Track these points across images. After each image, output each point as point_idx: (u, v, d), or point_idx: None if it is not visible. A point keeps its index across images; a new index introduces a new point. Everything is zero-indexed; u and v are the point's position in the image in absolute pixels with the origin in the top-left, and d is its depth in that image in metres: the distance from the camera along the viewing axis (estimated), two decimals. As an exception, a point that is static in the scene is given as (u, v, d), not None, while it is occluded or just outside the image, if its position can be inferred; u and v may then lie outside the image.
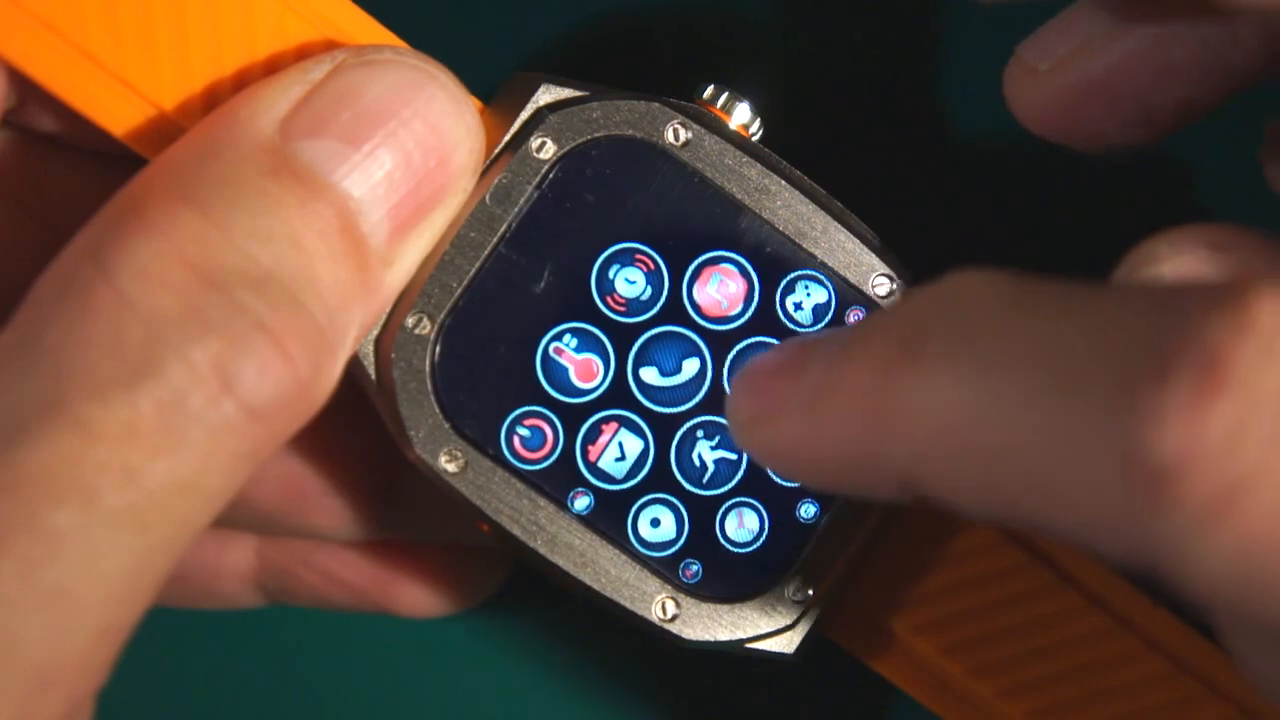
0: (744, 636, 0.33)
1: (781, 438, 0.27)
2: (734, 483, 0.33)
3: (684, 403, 0.33)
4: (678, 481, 0.33)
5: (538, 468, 0.32)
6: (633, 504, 0.32)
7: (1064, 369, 0.23)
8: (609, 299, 0.33)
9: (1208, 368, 0.22)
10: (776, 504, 0.33)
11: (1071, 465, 0.23)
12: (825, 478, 0.28)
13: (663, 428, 0.33)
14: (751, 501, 0.33)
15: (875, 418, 0.25)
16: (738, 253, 0.33)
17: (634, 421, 0.33)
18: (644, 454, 0.33)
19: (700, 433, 0.33)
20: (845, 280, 0.33)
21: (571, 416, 0.32)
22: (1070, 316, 0.24)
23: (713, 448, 0.33)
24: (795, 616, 0.33)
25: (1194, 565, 0.22)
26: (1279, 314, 0.22)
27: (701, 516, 0.33)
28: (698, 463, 0.33)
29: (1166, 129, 0.32)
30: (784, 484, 0.33)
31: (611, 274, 0.33)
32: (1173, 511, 0.22)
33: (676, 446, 0.33)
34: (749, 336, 0.33)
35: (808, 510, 0.33)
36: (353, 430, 0.35)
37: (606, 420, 0.33)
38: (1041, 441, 0.23)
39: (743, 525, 0.33)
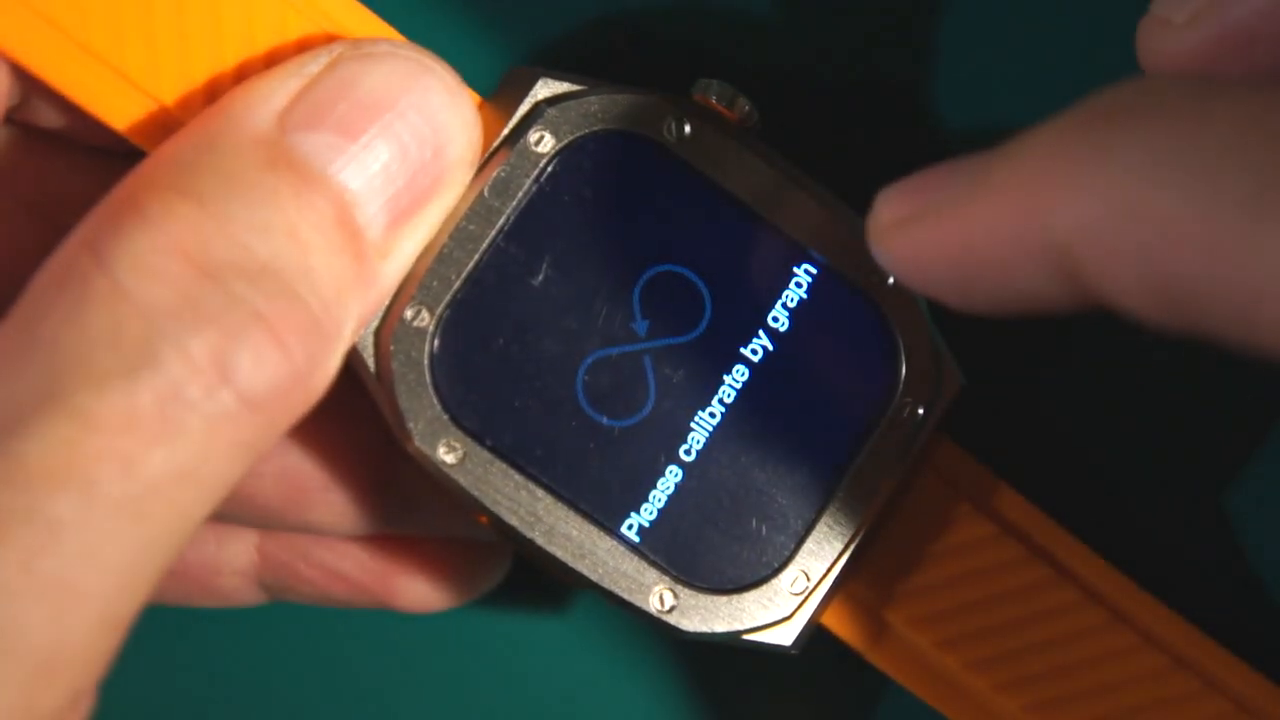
0: (742, 628, 0.33)
1: (932, 229, 0.28)
2: (733, 471, 0.33)
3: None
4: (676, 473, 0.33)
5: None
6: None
7: (1251, 147, 0.23)
8: None
9: None
10: (774, 495, 0.33)
11: (1250, 237, 0.23)
12: (976, 271, 0.27)
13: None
14: (749, 493, 0.33)
15: (1041, 193, 0.25)
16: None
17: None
18: None
19: (697, 426, 0.33)
20: (845, 275, 0.33)
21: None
22: (1262, 106, 0.24)
23: (710, 441, 0.33)
24: (793, 608, 0.33)
25: None
26: None
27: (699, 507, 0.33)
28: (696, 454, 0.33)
29: None
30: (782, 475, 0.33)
31: None
32: None
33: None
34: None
35: (806, 502, 0.33)
36: (352, 424, 0.35)
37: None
38: (1221, 210, 0.23)
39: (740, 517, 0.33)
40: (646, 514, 0.33)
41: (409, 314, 0.32)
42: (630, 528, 0.33)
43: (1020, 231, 0.26)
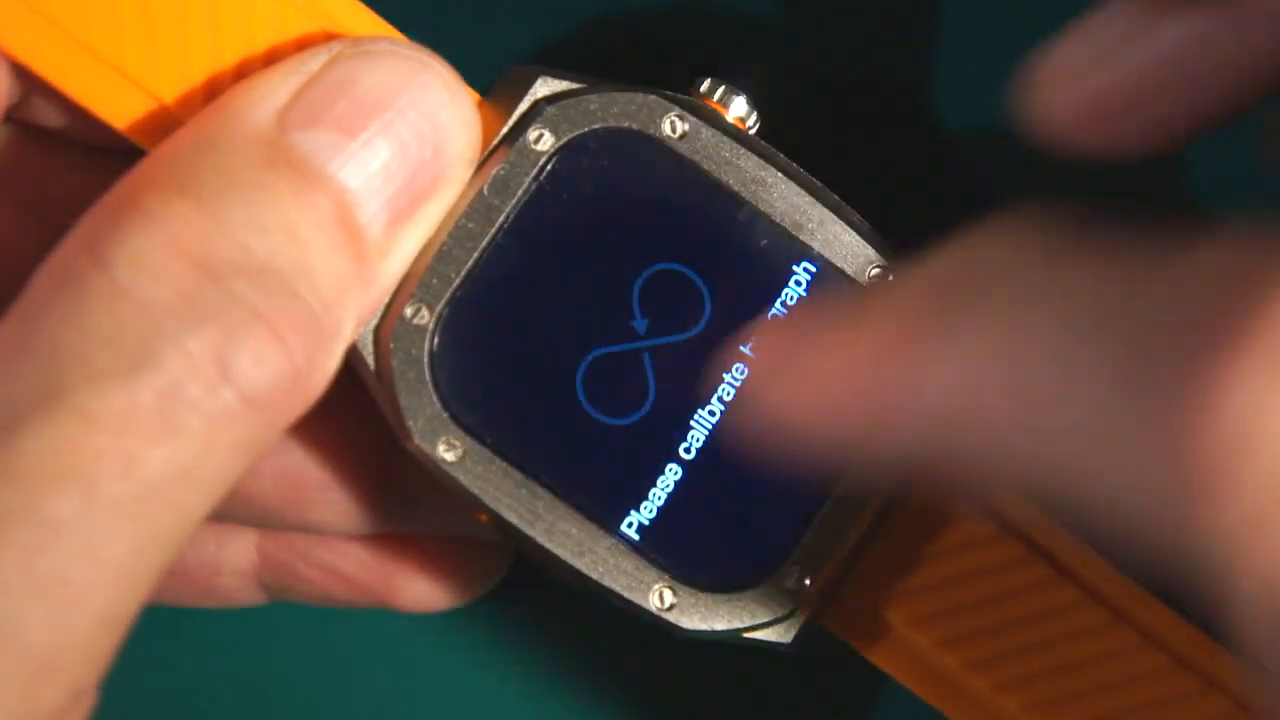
0: (741, 626, 0.33)
1: (793, 400, 0.27)
2: (731, 470, 0.33)
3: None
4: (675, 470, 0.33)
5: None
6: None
7: (1118, 331, 0.21)
8: None
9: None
10: (774, 493, 0.33)
11: (1109, 450, 0.21)
12: (838, 441, 0.26)
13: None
14: (749, 491, 0.33)
15: (894, 383, 0.24)
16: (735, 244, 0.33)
17: (632, 413, 0.33)
18: None
19: (697, 424, 0.33)
20: (842, 272, 0.33)
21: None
22: (1123, 277, 0.22)
23: (710, 439, 0.33)
24: (792, 606, 0.33)
25: (1242, 579, 0.19)
26: None
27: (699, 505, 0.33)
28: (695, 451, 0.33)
29: (1190, 136, 0.30)
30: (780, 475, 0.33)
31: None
32: (1227, 506, 0.19)
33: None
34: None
35: (805, 500, 0.33)
36: (352, 423, 0.35)
37: (604, 411, 0.33)
38: (1086, 414, 0.21)
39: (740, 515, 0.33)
40: (646, 512, 0.33)
41: (409, 312, 0.32)
42: (630, 526, 0.33)
43: (882, 440, 0.25)
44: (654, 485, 0.33)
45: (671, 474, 0.33)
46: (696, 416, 0.33)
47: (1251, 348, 0.19)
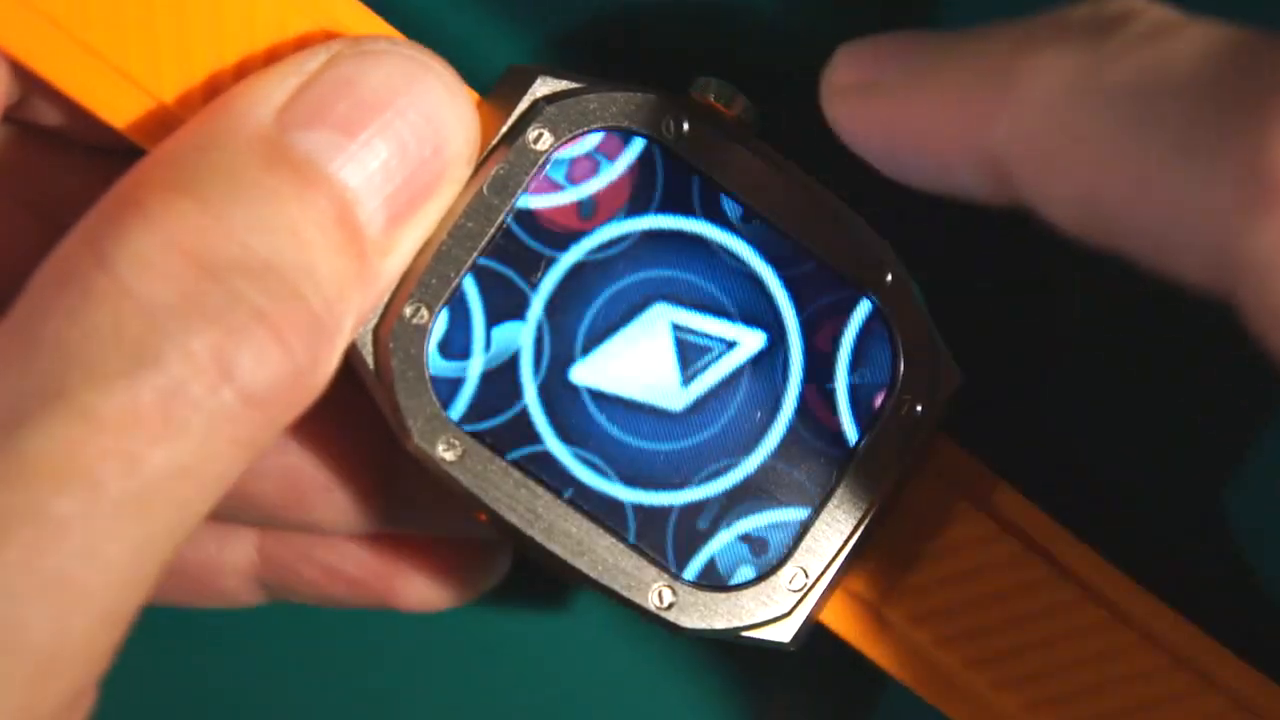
0: (741, 624, 0.33)
1: (880, 107, 0.28)
2: (731, 469, 0.33)
3: None
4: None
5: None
6: None
7: (1204, 77, 0.24)
8: None
9: None
10: (773, 491, 0.33)
11: (1181, 162, 0.24)
12: (913, 155, 0.28)
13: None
14: (748, 489, 0.33)
15: (991, 88, 0.26)
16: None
17: (631, 412, 0.33)
18: None
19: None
20: (844, 273, 0.33)
21: None
22: (1224, 42, 0.24)
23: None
24: (792, 605, 0.33)
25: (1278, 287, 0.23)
26: None
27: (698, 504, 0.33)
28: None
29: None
30: (780, 473, 0.33)
31: None
32: (1278, 223, 0.22)
33: None
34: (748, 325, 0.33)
35: (804, 498, 0.33)
36: (353, 423, 0.35)
37: (603, 410, 0.33)
38: (1158, 133, 0.24)
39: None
40: (646, 511, 0.33)
41: (408, 311, 0.32)
42: (630, 525, 0.33)
43: (960, 133, 0.27)
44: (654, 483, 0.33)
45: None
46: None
47: None
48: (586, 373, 0.33)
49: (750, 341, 0.33)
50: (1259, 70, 0.24)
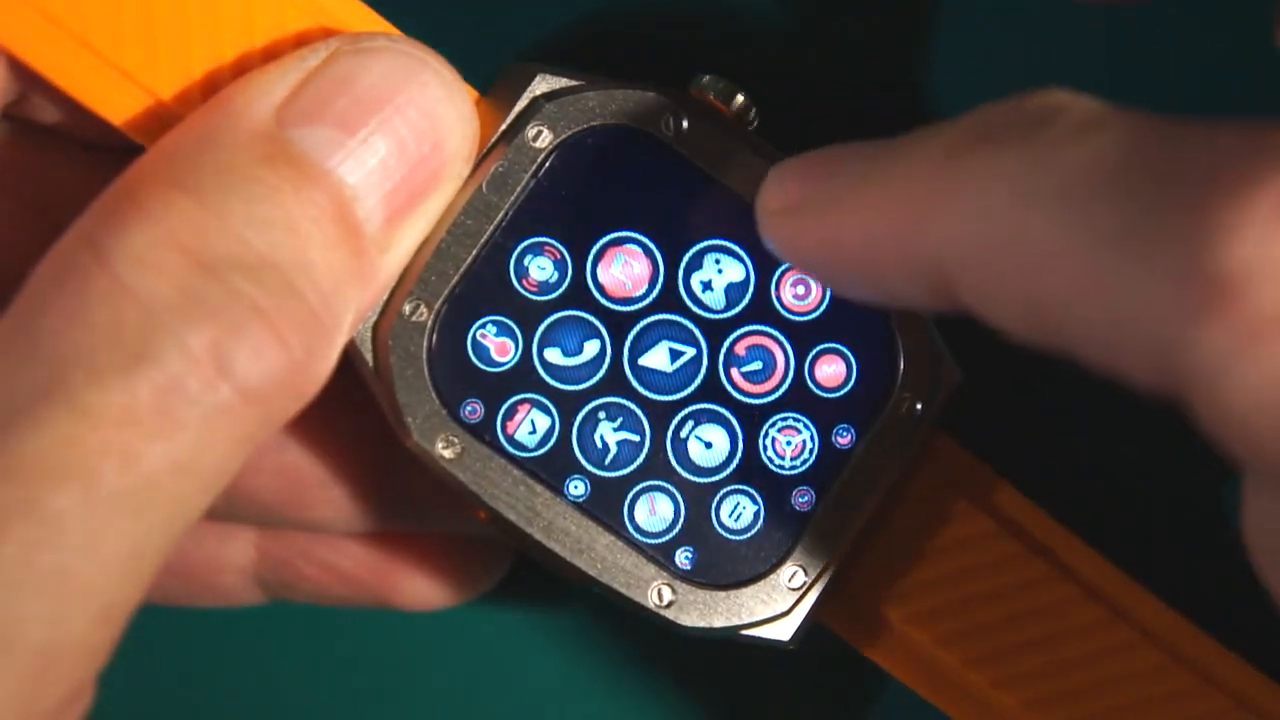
0: (740, 623, 0.33)
1: (815, 226, 0.28)
2: (730, 470, 0.33)
3: (681, 390, 0.33)
4: (674, 469, 0.33)
5: (534, 454, 0.32)
6: (629, 490, 0.33)
7: (1138, 176, 0.23)
8: (605, 288, 0.33)
9: None
10: (772, 491, 0.33)
11: (1121, 266, 0.23)
12: (853, 270, 0.28)
13: (658, 415, 0.33)
14: (747, 489, 0.33)
15: (921, 204, 0.26)
16: (734, 242, 0.33)
17: (630, 409, 0.33)
18: (639, 441, 0.33)
19: (695, 421, 0.33)
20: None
21: (567, 403, 0.33)
22: (1154, 134, 0.24)
23: (709, 436, 0.33)
24: (791, 603, 0.33)
25: (1228, 389, 0.22)
26: None
27: (697, 503, 0.33)
28: (693, 450, 0.33)
29: None
30: (781, 472, 0.33)
31: (607, 263, 0.33)
32: (1223, 325, 0.22)
33: (672, 434, 0.33)
34: (745, 325, 0.33)
35: (804, 497, 0.33)
36: (352, 421, 0.35)
37: (602, 406, 0.33)
38: (1095, 243, 0.23)
39: (738, 512, 0.33)
40: (645, 509, 0.33)
41: (407, 309, 0.32)
42: (629, 523, 0.33)
43: (897, 245, 0.27)
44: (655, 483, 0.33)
45: (669, 472, 0.33)
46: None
47: (1258, 198, 0.22)
48: None
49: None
50: (1187, 164, 0.23)
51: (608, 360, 0.33)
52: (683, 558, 0.33)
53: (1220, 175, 0.23)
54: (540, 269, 0.33)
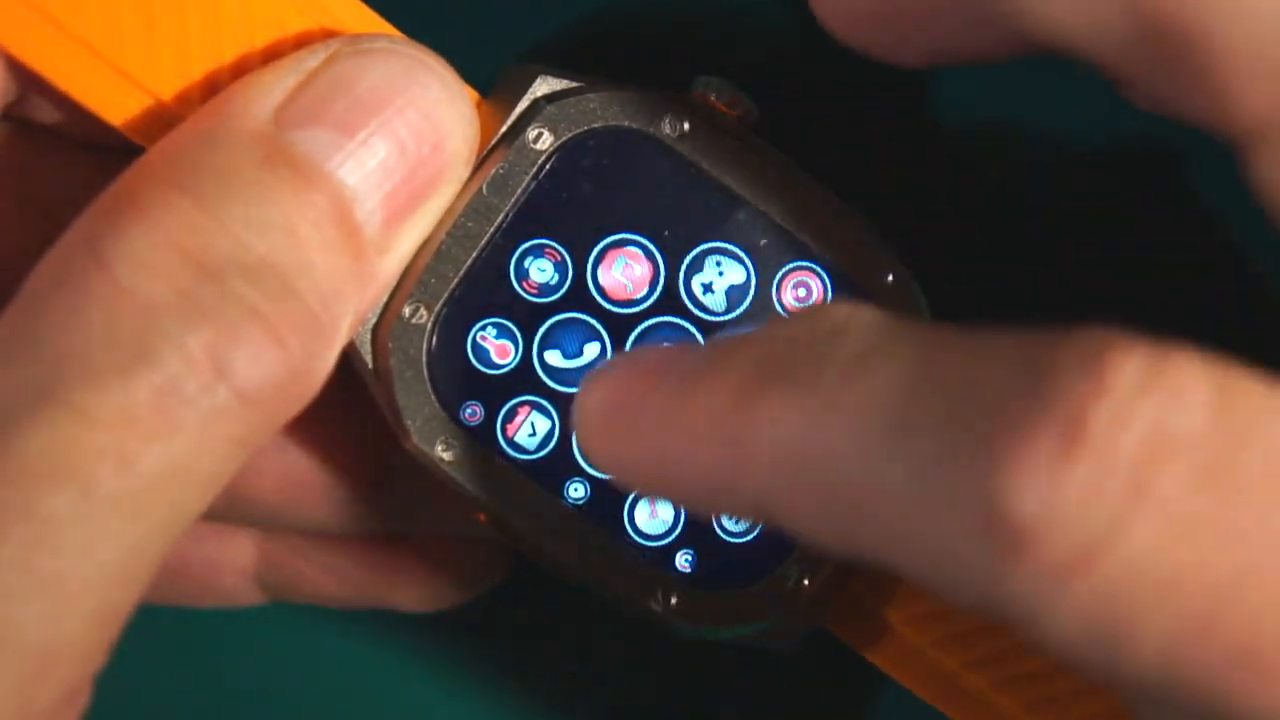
0: (741, 626, 0.33)
1: (635, 450, 0.27)
2: None
3: None
4: None
5: (534, 456, 0.32)
6: (629, 494, 0.33)
7: (924, 414, 0.23)
8: (605, 290, 0.33)
9: (1067, 427, 0.22)
10: None
11: (921, 510, 0.23)
12: (676, 496, 0.28)
13: None
14: None
15: (728, 445, 0.25)
16: (735, 244, 0.33)
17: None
18: None
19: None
20: (845, 273, 0.33)
21: (568, 406, 0.33)
22: (936, 360, 0.24)
23: None
24: (792, 607, 0.33)
25: (1047, 623, 0.23)
26: (1131, 373, 0.23)
27: None
28: None
29: (951, 61, 0.29)
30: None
31: (607, 265, 0.33)
32: (1027, 567, 0.22)
33: None
34: (746, 327, 0.33)
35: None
36: (352, 423, 0.35)
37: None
38: (895, 487, 0.23)
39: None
40: (645, 512, 0.33)
41: (407, 311, 0.32)
42: (629, 526, 0.33)
43: (712, 480, 0.26)
44: None
45: None
46: None
47: (1042, 435, 0.22)
48: None
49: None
50: (972, 396, 0.23)
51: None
52: (683, 561, 0.33)
53: (1005, 408, 0.23)
54: (541, 271, 0.33)
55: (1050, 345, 0.23)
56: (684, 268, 0.33)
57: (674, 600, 0.32)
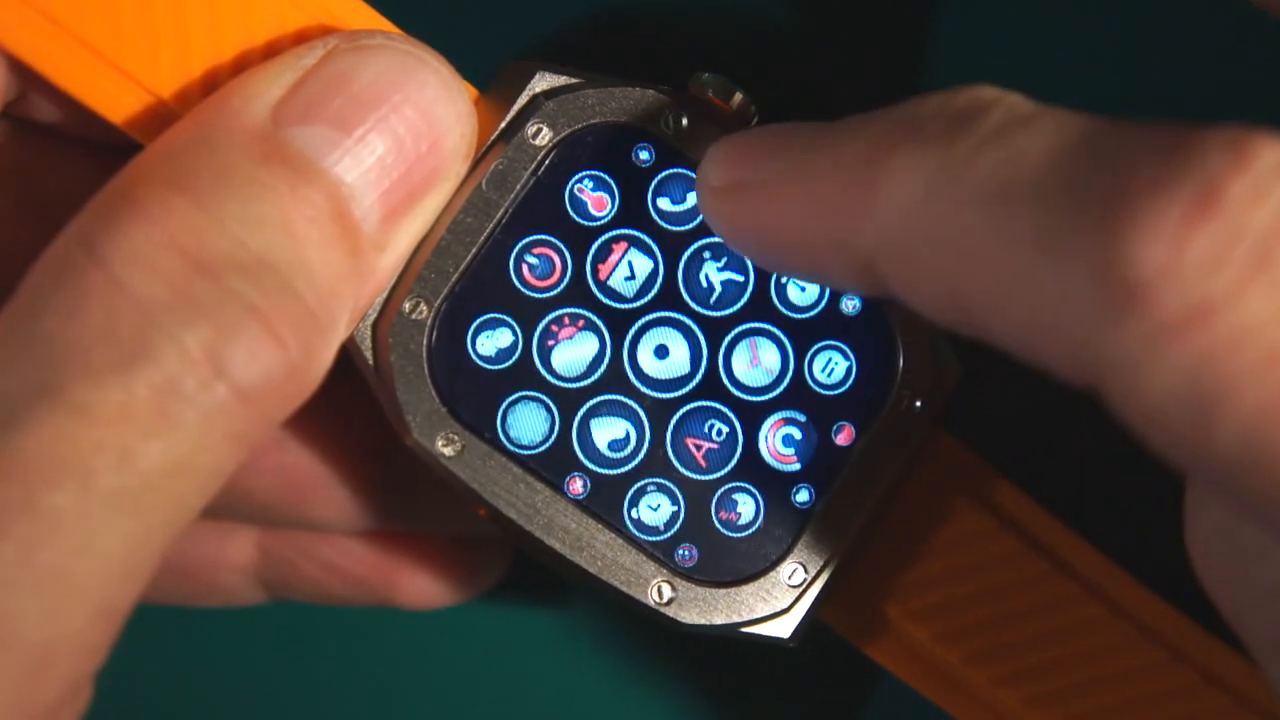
0: (740, 620, 0.33)
1: (752, 208, 0.29)
2: (730, 467, 0.33)
3: (681, 388, 0.33)
4: (673, 466, 0.33)
5: (534, 451, 0.32)
6: (629, 488, 0.33)
7: (1059, 176, 0.24)
8: (604, 285, 0.33)
9: (1201, 194, 0.23)
10: (772, 488, 0.33)
11: (1039, 266, 0.24)
12: (787, 253, 0.29)
13: (658, 413, 0.33)
14: (747, 486, 0.33)
15: (853, 193, 0.26)
16: None
17: (630, 407, 0.33)
18: (639, 439, 0.33)
19: (696, 418, 0.33)
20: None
21: (567, 401, 0.33)
22: (1081, 134, 0.25)
23: (709, 433, 0.33)
24: (791, 600, 0.33)
25: (1144, 381, 0.23)
26: (1274, 157, 0.23)
27: (697, 500, 0.33)
28: (693, 448, 0.33)
29: None
30: (781, 469, 0.33)
31: (607, 261, 0.33)
32: (1136, 323, 0.23)
33: (672, 432, 0.33)
34: (744, 323, 0.33)
35: (803, 494, 0.33)
36: (353, 420, 0.35)
37: (602, 404, 0.33)
38: (1018, 241, 0.24)
39: (738, 509, 0.33)
40: (645, 507, 0.33)
41: (407, 307, 0.32)
42: (629, 520, 0.33)
43: (828, 236, 0.27)
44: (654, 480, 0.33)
45: (669, 470, 0.33)
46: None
47: (1170, 203, 0.23)
48: None
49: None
50: (1108, 165, 0.24)
51: (607, 358, 0.33)
52: (683, 555, 0.33)
53: (1136, 179, 0.24)
54: (540, 267, 0.33)
55: (1197, 130, 0.24)
56: (682, 263, 0.33)
57: (674, 595, 0.33)
